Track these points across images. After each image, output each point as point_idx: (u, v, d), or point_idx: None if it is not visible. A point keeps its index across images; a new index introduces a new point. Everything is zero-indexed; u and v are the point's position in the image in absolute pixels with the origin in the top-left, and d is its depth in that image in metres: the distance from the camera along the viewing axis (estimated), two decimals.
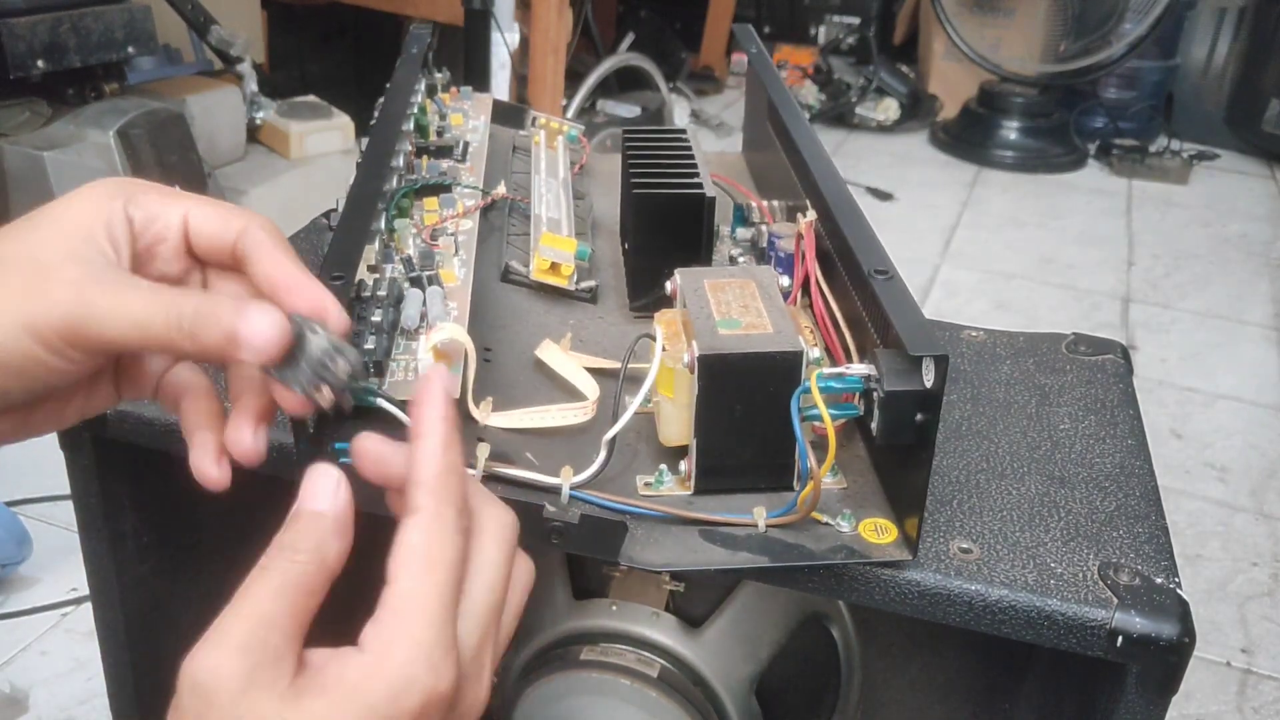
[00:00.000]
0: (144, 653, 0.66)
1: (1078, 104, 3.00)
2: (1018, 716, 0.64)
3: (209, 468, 0.39)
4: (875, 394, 0.45)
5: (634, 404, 0.49)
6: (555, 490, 0.48)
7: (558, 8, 2.02)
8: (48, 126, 1.49)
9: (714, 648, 0.72)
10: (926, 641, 0.73)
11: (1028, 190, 2.77)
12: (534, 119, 0.85)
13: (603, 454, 0.49)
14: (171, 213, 0.40)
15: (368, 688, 0.32)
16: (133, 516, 0.64)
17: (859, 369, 0.46)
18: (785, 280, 0.56)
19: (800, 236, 0.60)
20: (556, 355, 0.58)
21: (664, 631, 0.71)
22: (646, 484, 0.50)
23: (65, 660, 1.17)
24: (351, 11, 2.35)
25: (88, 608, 0.90)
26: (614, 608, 0.72)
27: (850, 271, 0.53)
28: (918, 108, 3.12)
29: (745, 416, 0.48)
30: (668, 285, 0.55)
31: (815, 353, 0.50)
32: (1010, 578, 0.47)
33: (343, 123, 1.93)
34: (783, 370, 0.48)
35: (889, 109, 3.07)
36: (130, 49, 1.56)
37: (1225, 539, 1.49)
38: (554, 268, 0.64)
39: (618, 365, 0.55)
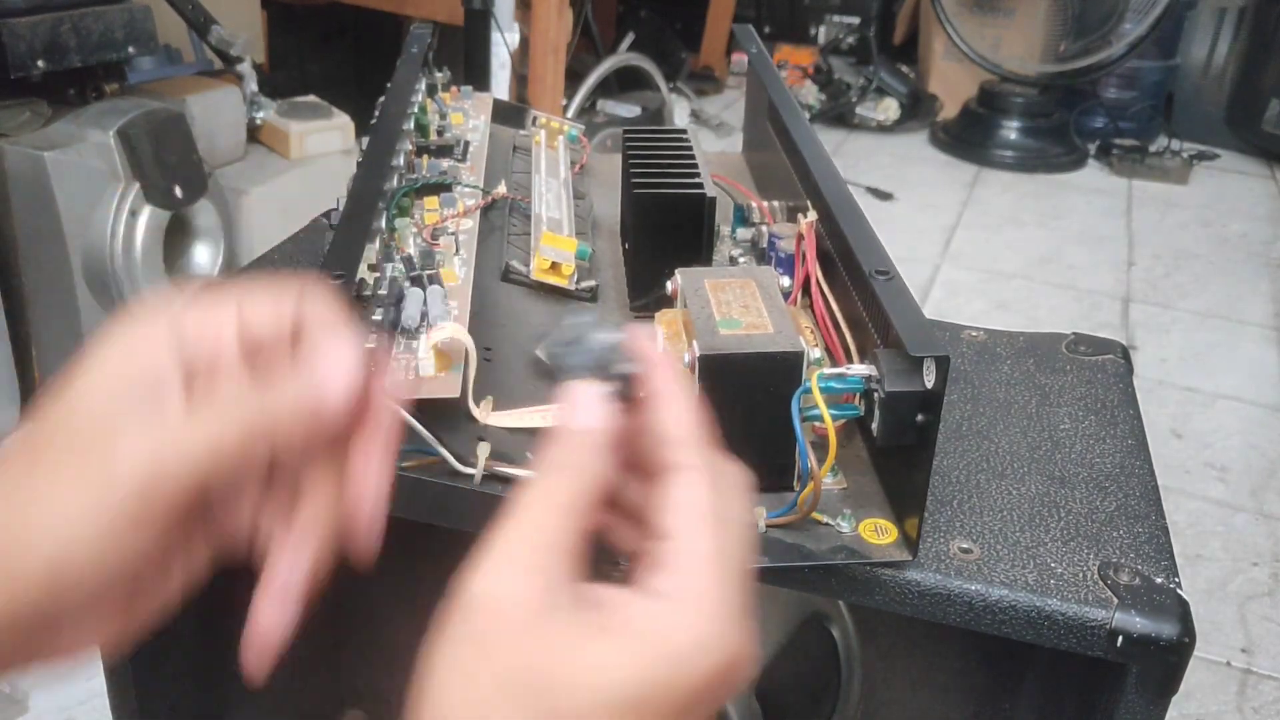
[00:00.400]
0: (144, 653, 0.66)
1: (1078, 104, 3.00)
2: (1018, 716, 0.64)
3: (246, 653, 0.34)
4: (876, 394, 0.45)
5: None
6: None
7: (558, 8, 2.02)
8: (48, 126, 1.49)
9: None
10: (926, 641, 0.73)
11: (1028, 190, 2.77)
12: (534, 119, 0.85)
13: None
14: (221, 320, 0.35)
15: (667, 638, 0.29)
16: None
17: (859, 369, 0.46)
18: (786, 280, 0.56)
19: (801, 237, 0.60)
20: None
21: None
22: None
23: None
24: (351, 11, 2.35)
25: None
26: None
27: (851, 272, 0.53)
28: (918, 108, 3.12)
29: (745, 416, 0.48)
30: (668, 285, 0.54)
31: (816, 353, 0.50)
32: (1010, 578, 0.47)
33: (343, 123, 1.93)
34: (783, 370, 0.48)
35: (889, 109, 3.07)
36: (130, 49, 1.56)
37: (1225, 539, 1.49)
38: (554, 267, 0.64)
39: None
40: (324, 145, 1.89)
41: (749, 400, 0.48)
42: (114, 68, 1.59)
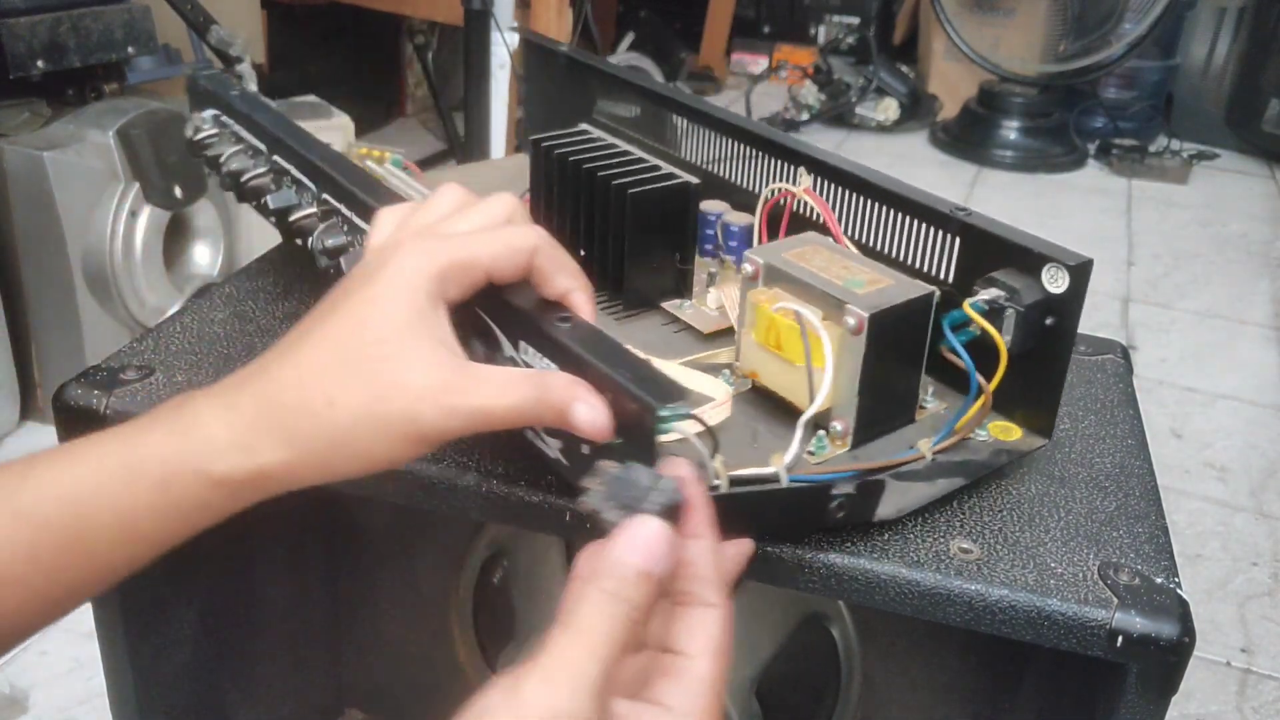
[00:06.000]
0: (144, 653, 0.66)
1: (1078, 104, 3.00)
2: (1018, 716, 0.64)
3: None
4: (1009, 310, 0.50)
5: (826, 383, 0.50)
6: (774, 479, 0.48)
7: (558, 8, 2.02)
8: (48, 126, 1.49)
9: None
10: (926, 641, 0.73)
11: (1028, 190, 2.77)
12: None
13: (799, 434, 0.49)
14: (478, 273, 0.43)
15: None
16: None
17: (991, 293, 0.51)
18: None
19: (790, 197, 0.62)
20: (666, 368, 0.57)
21: None
22: (809, 453, 0.51)
23: (65, 660, 1.17)
24: (351, 11, 2.35)
25: (88, 608, 0.90)
26: None
27: (910, 212, 0.59)
28: (918, 108, 3.12)
29: (896, 365, 0.52)
30: (747, 266, 0.54)
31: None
32: (1010, 578, 0.47)
33: (343, 123, 1.93)
34: (922, 312, 0.51)
35: (889, 109, 3.07)
36: (130, 49, 1.56)
37: (1225, 539, 1.49)
38: None
39: (715, 356, 0.57)
40: None
41: (899, 349, 0.51)
42: (114, 68, 1.59)
